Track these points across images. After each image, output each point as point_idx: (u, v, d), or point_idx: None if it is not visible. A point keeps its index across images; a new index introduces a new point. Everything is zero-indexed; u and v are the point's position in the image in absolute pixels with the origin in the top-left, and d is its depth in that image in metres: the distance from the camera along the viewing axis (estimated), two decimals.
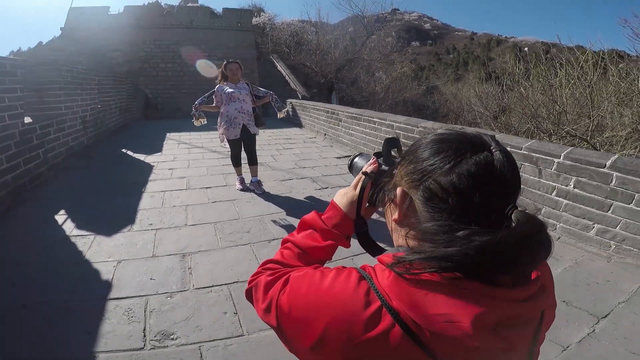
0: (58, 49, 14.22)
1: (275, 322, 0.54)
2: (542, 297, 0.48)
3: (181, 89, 14.81)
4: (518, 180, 0.48)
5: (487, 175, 0.45)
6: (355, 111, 6.49)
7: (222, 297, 2.05)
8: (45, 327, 1.72)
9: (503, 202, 0.45)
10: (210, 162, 5.25)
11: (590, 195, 2.62)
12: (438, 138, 0.50)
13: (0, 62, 3.48)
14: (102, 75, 7.94)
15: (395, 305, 0.43)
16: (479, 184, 0.44)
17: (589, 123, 5.80)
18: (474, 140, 0.48)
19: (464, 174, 0.45)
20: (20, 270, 2.21)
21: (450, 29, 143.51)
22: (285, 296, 0.53)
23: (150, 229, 2.90)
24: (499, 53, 41.79)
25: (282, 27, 20.83)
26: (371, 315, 0.44)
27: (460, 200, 0.45)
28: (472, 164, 0.45)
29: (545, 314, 0.50)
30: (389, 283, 0.45)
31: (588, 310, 1.93)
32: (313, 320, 0.48)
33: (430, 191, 0.47)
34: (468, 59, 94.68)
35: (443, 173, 0.46)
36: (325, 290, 0.49)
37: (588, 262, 2.45)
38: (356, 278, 0.48)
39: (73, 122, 5.50)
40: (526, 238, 0.41)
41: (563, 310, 1.93)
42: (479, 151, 0.46)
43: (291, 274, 0.56)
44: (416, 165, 0.50)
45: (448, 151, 0.47)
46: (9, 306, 1.86)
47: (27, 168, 3.77)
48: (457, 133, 0.50)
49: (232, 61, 3.83)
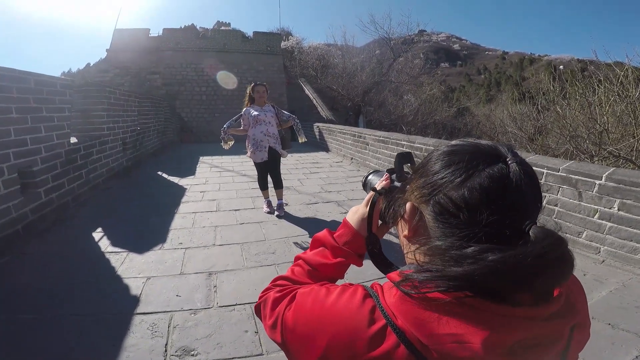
0: (104, 70, 15.27)
1: (280, 338, 0.54)
2: (568, 314, 0.44)
3: (214, 113, 15.43)
4: (538, 194, 0.45)
5: (502, 189, 0.42)
6: (383, 134, 6.49)
7: (245, 315, 2.05)
8: (75, 338, 1.79)
9: (520, 218, 0.42)
10: (240, 186, 5.39)
11: (638, 217, 2.44)
12: (449, 150, 0.48)
13: (52, 81, 3.67)
14: (142, 98, 8.14)
15: (401, 324, 0.42)
16: (492, 199, 0.42)
17: (633, 142, 5.44)
18: (488, 151, 0.46)
19: (476, 188, 0.42)
20: (57, 283, 2.34)
21: (481, 48, 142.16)
22: (291, 312, 0.53)
23: (180, 248, 2.99)
24: (533, 72, 40.75)
25: (309, 50, 21.39)
26: (375, 333, 0.42)
27: (473, 216, 0.42)
28: (485, 177, 0.43)
29: (575, 332, 0.46)
30: (395, 301, 0.44)
31: (637, 333, 1.80)
32: (316, 336, 0.47)
33: (440, 206, 0.45)
34: (500, 79, 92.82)
35: (454, 187, 0.44)
36: (329, 306, 0.48)
37: (637, 285, 2.29)
38: (361, 295, 0.47)
39: (114, 143, 5.71)
40: (543, 255, 0.38)
41: (609, 333, 1.79)
42: (493, 163, 0.44)
43: (298, 291, 0.56)
44: (426, 178, 0.48)
45: (459, 163, 0.45)
46: (45, 317, 1.96)
47: (70, 187, 3.98)
48: (470, 144, 0.48)
49: (259, 83, 3.93)
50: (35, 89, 3.35)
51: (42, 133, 3.44)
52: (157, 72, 15.54)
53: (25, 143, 3.17)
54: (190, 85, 15.84)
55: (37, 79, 3.39)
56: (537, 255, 0.38)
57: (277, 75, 16.98)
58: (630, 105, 5.50)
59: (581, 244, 2.79)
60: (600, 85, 6.17)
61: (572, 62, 11.46)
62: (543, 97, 8.59)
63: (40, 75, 3.45)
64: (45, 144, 3.48)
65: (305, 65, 20.44)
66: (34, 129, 3.30)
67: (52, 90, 3.65)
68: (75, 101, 4.58)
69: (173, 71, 15.73)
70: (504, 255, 0.38)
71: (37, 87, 3.38)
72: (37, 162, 3.34)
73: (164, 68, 15.62)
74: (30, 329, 1.86)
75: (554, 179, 2.97)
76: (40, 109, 3.42)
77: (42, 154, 3.41)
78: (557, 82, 8.05)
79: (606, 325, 1.85)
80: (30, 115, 3.26)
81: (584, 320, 0.48)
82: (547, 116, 9.20)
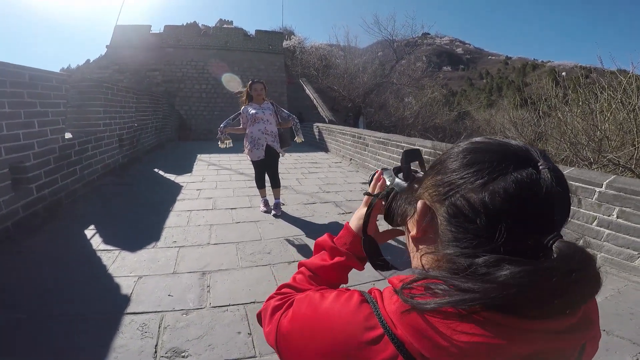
0: (103, 67, 15.26)
1: (275, 346, 0.52)
2: (585, 328, 0.40)
3: (214, 111, 15.42)
4: (568, 205, 0.41)
5: (529, 197, 0.38)
6: (382, 135, 6.46)
7: (238, 316, 2.02)
8: (62, 338, 1.75)
9: (545, 229, 0.37)
10: (237, 184, 5.36)
11: (636, 225, 2.45)
12: (473, 147, 0.44)
13: (47, 77, 3.61)
14: (140, 94, 8.03)
15: (400, 334, 0.39)
16: (516, 207, 0.37)
17: (633, 151, 5.42)
18: (518, 152, 0.41)
19: (500, 193, 0.38)
20: (47, 282, 2.30)
21: (483, 53, 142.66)
22: (286, 320, 0.51)
23: (173, 246, 2.96)
24: (535, 78, 40.78)
25: (311, 50, 21.42)
26: (371, 342, 0.40)
27: (491, 223, 0.38)
28: (511, 182, 0.38)
29: (587, 347, 0.42)
30: (396, 309, 0.40)
31: (631, 339, 1.80)
32: (308, 344, 0.45)
33: (456, 208, 0.41)
34: (502, 84, 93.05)
35: (474, 189, 0.40)
36: (322, 312, 0.46)
37: (632, 292, 2.30)
38: (357, 301, 0.44)
39: (110, 139, 5.62)
40: (567, 274, 0.34)
41: (603, 339, 1.75)
42: (522, 167, 0.39)
43: (295, 297, 0.54)
44: (443, 176, 0.44)
45: (484, 163, 0.40)
46: (33, 317, 1.92)
47: (64, 184, 3.93)
48: (498, 143, 0.43)
49: (257, 81, 3.87)
50: (29, 83, 3.30)
51: (36, 128, 3.39)
52: (157, 69, 15.53)
53: (18, 138, 3.12)
54: (190, 82, 15.83)
55: (32, 73, 3.34)
56: (561, 273, 0.34)
57: (278, 74, 16.98)
58: (632, 113, 5.48)
59: None
60: (603, 92, 6.15)
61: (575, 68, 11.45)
62: (544, 103, 8.56)
63: (35, 70, 3.40)
64: (39, 139, 3.43)
65: (307, 65, 20.47)
66: (27, 124, 3.25)
67: (48, 85, 3.60)
68: (72, 97, 4.53)
69: (173, 68, 15.72)
70: (521, 271, 0.34)
71: (31, 81, 3.33)
72: (30, 157, 3.29)
73: (164, 65, 15.60)
74: (19, 328, 1.82)
75: None
76: (35, 103, 3.37)
77: (35, 149, 3.36)
78: (560, 89, 8.02)
79: (601, 331, 1.83)
80: (24, 110, 3.20)
81: (596, 335, 0.44)
82: (547, 122, 9.18)
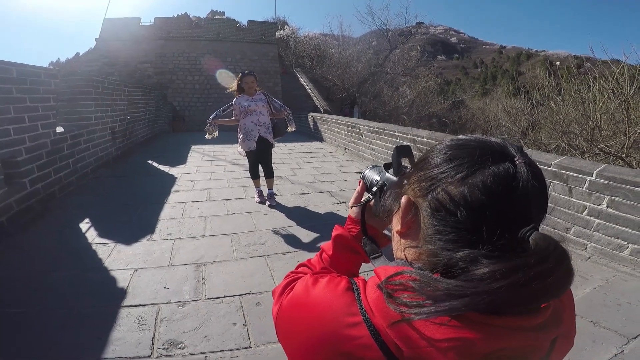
0: (93, 60, 15.04)
1: (274, 322, 0.55)
2: (552, 326, 0.42)
3: (207, 102, 15.29)
4: (544, 199, 0.42)
5: (505, 190, 0.39)
6: (377, 125, 6.45)
7: (233, 308, 2.04)
8: (59, 332, 1.76)
9: (522, 223, 0.39)
10: (232, 175, 5.35)
11: (625, 215, 2.46)
12: (454, 144, 0.46)
13: (35, 71, 3.59)
14: (132, 87, 8.02)
15: (377, 323, 0.40)
16: (494, 199, 0.39)
17: (624, 140, 5.48)
18: (496, 148, 0.43)
19: (478, 186, 0.40)
20: (43, 276, 2.29)
21: (478, 42, 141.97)
22: (286, 300, 0.53)
23: (168, 239, 2.96)
24: (529, 67, 40.83)
25: (305, 40, 21.19)
26: (349, 327, 0.42)
27: (471, 215, 0.40)
28: (488, 175, 0.40)
29: (556, 343, 0.44)
30: (375, 298, 0.42)
31: (617, 331, 1.82)
32: (296, 323, 0.48)
33: (437, 202, 0.43)
34: (496, 73, 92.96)
35: (454, 182, 0.41)
36: (312, 296, 0.48)
37: (620, 282, 2.32)
38: (343, 287, 0.46)
39: (103, 132, 5.63)
40: (543, 270, 0.35)
41: (590, 330, 1.82)
42: (499, 162, 0.41)
43: (299, 279, 0.56)
44: (426, 171, 0.46)
45: (463, 158, 0.42)
46: (31, 310, 1.93)
47: (57, 177, 3.92)
48: (478, 139, 0.45)
49: (247, 73, 3.84)
50: (18, 79, 3.27)
51: (26, 123, 3.37)
52: (149, 62, 15.35)
53: (9, 133, 3.11)
54: (182, 74, 15.66)
55: (20, 69, 3.30)
56: (537, 269, 0.35)
57: (271, 64, 16.82)
58: (624, 102, 5.53)
59: (569, 240, 2.81)
60: (595, 82, 6.18)
61: (569, 58, 11.47)
62: (538, 92, 8.59)
63: (23, 65, 3.37)
64: (30, 134, 3.41)
65: (301, 55, 20.27)
66: (17, 119, 3.24)
67: (36, 80, 3.58)
68: (62, 91, 4.50)
69: (165, 60, 15.53)
70: (498, 269, 0.35)
71: (20, 77, 3.30)
72: (22, 152, 3.27)
73: (156, 57, 15.40)
74: (15, 322, 1.82)
75: (546, 174, 2.91)
76: (24, 99, 3.35)
77: (26, 143, 3.34)
78: (553, 78, 8.05)
79: (588, 322, 1.87)
80: (14, 105, 3.19)
81: (568, 331, 0.46)
82: (541, 111, 9.24)
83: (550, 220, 2.94)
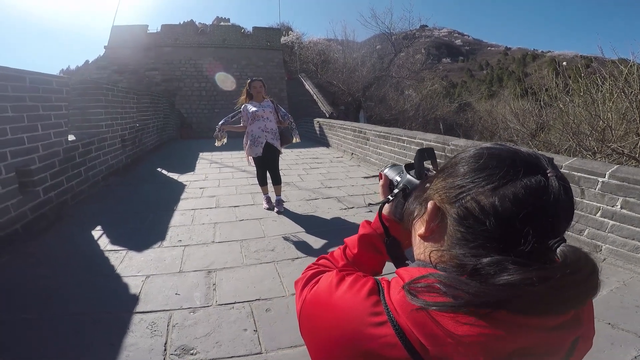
0: (102, 67, 15.24)
1: (298, 316, 0.55)
2: (575, 326, 0.42)
3: (214, 109, 15.41)
4: (571, 212, 0.43)
5: (537, 202, 0.39)
6: (383, 129, 6.45)
7: (244, 314, 2.04)
8: (73, 338, 1.79)
9: (550, 235, 0.39)
10: (240, 182, 5.38)
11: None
12: (484, 152, 0.45)
13: (47, 80, 3.62)
14: (141, 94, 8.08)
15: (402, 322, 0.41)
16: (525, 212, 0.39)
17: (637, 139, 5.39)
18: (528, 160, 0.43)
19: (509, 197, 0.40)
20: (58, 283, 2.33)
21: (483, 44, 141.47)
22: (311, 295, 0.53)
23: (179, 245, 2.98)
24: (536, 68, 40.46)
25: (309, 46, 21.28)
26: (374, 326, 0.42)
27: (500, 226, 0.40)
28: (520, 187, 0.40)
29: (577, 344, 0.44)
30: (400, 298, 0.43)
31: (637, 333, 1.79)
32: (320, 320, 0.48)
33: (467, 210, 0.43)
34: (502, 74, 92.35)
35: (485, 192, 0.42)
36: (337, 296, 0.49)
37: (637, 284, 2.28)
38: (369, 287, 0.47)
39: (113, 140, 5.68)
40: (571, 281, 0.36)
41: (608, 332, 1.79)
42: (531, 174, 0.41)
43: (323, 275, 0.56)
44: (455, 179, 0.46)
45: (494, 169, 0.42)
46: (45, 316, 1.96)
47: (69, 185, 3.97)
48: (509, 150, 0.45)
49: (255, 79, 3.88)
50: (30, 87, 3.31)
51: (39, 131, 3.41)
52: (156, 69, 15.52)
53: (22, 142, 3.15)
54: (189, 81, 15.82)
55: (32, 77, 3.35)
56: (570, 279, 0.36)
57: (276, 70, 16.93)
58: (634, 102, 5.44)
59: (583, 242, 2.77)
60: (604, 82, 6.10)
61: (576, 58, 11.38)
62: (545, 93, 8.51)
63: (35, 74, 3.41)
64: (43, 142, 3.46)
65: (306, 61, 20.37)
66: (30, 128, 3.28)
67: (48, 89, 3.61)
68: (73, 99, 4.54)
69: (172, 67, 15.70)
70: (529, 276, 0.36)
71: (32, 85, 3.34)
72: (35, 160, 3.32)
73: (163, 64, 15.59)
74: (30, 328, 1.85)
75: None
76: (37, 107, 3.39)
77: (39, 152, 3.39)
78: (560, 78, 7.96)
79: (606, 324, 1.84)
80: (27, 113, 3.23)
81: (587, 332, 0.47)
82: (549, 112, 9.14)
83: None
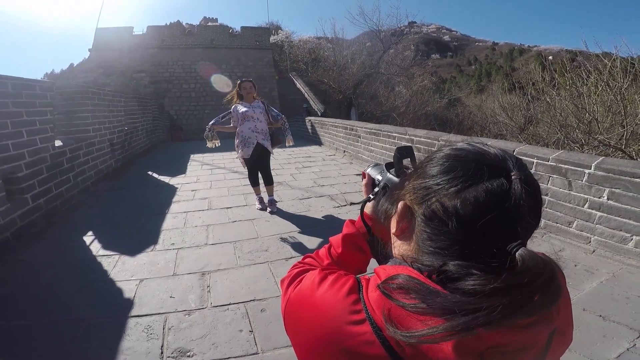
0: (88, 70, 14.97)
1: (282, 314, 0.56)
2: (547, 321, 0.43)
3: (204, 110, 15.27)
4: (537, 215, 0.43)
5: (497, 206, 0.40)
6: (374, 126, 6.48)
7: (239, 315, 2.05)
8: (70, 343, 1.78)
9: (511, 238, 0.40)
10: (232, 183, 5.35)
11: (627, 206, 2.47)
12: (452, 154, 0.46)
13: (30, 85, 3.52)
14: (128, 97, 7.92)
15: (378, 320, 0.42)
16: (485, 215, 0.40)
17: (622, 131, 5.51)
18: (494, 162, 0.43)
19: (470, 201, 0.41)
20: (50, 289, 2.31)
21: (471, 39, 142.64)
22: (294, 294, 0.54)
23: (172, 249, 2.97)
24: (523, 63, 41.00)
25: (299, 44, 21.19)
26: (353, 324, 0.44)
27: (461, 228, 0.41)
28: (481, 191, 0.40)
29: (554, 338, 0.45)
30: (377, 296, 0.44)
31: (628, 325, 1.80)
32: (302, 317, 0.50)
33: (432, 211, 0.44)
34: (490, 69, 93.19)
35: (448, 195, 0.42)
36: (319, 293, 0.50)
37: (627, 275, 2.30)
38: (349, 286, 0.48)
39: (101, 145, 5.58)
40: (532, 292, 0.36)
41: (599, 325, 1.81)
42: (495, 177, 0.41)
43: (307, 273, 0.57)
44: (423, 180, 0.47)
45: (459, 171, 0.43)
46: (39, 323, 1.94)
47: (58, 192, 3.91)
48: (477, 151, 0.45)
49: (245, 80, 3.88)
50: (13, 92, 3.24)
51: (24, 137, 3.34)
52: (144, 71, 15.31)
53: (7, 149, 3.09)
54: (178, 82, 15.65)
55: (14, 82, 3.27)
56: (521, 287, 0.36)
57: (266, 70, 16.85)
58: (618, 94, 5.56)
59: (572, 234, 2.82)
60: (589, 76, 6.22)
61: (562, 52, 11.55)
62: (533, 88, 8.64)
63: (17, 79, 3.34)
64: (29, 149, 3.40)
65: (296, 59, 20.30)
66: (15, 134, 3.21)
67: (32, 94, 3.53)
68: (58, 103, 4.46)
69: (160, 69, 15.51)
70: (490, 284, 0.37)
71: (15, 90, 3.26)
72: (22, 167, 3.26)
73: (151, 66, 15.38)
74: (25, 335, 1.83)
75: (544, 169, 2.99)
76: (21, 113, 3.32)
77: (26, 159, 3.33)
78: (547, 73, 8.09)
79: (597, 317, 1.86)
80: (10, 120, 3.16)
81: (563, 326, 0.47)
82: (537, 106, 9.27)
83: (551, 215, 2.95)
